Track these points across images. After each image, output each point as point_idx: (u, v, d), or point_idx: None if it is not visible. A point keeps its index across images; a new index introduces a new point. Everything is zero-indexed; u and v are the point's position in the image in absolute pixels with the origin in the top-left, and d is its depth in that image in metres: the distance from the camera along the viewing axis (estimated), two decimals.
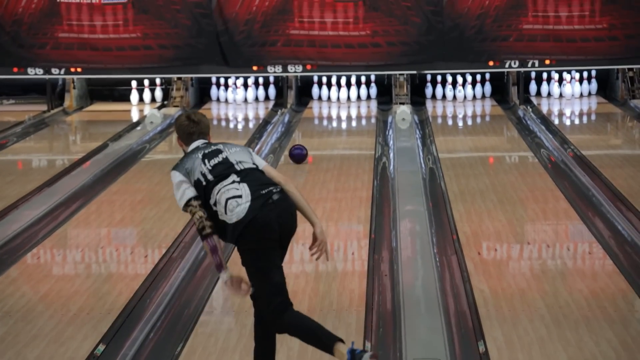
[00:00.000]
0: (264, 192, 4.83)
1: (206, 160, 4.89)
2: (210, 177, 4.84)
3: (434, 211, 8.54)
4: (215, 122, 14.17)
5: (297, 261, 7.22)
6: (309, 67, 14.18)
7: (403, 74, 14.54)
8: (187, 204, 4.82)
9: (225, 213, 4.79)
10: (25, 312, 6.20)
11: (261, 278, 4.81)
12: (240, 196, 4.80)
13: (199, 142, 5.03)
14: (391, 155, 11.12)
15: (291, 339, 5.05)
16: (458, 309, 6.15)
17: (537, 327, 5.83)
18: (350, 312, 6.10)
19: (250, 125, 13.82)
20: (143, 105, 15.02)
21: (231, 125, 14.14)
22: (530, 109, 14.14)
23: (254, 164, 4.95)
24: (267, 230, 4.80)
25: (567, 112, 14.23)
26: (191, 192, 4.84)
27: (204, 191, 4.83)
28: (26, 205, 8.87)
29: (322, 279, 6.79)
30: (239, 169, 4.88)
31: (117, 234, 8.16)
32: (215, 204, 4.81)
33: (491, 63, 14.23)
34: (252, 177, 4.87)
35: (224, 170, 4.87)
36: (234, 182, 4.83)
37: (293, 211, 4.93)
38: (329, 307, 6.19)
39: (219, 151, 4.95)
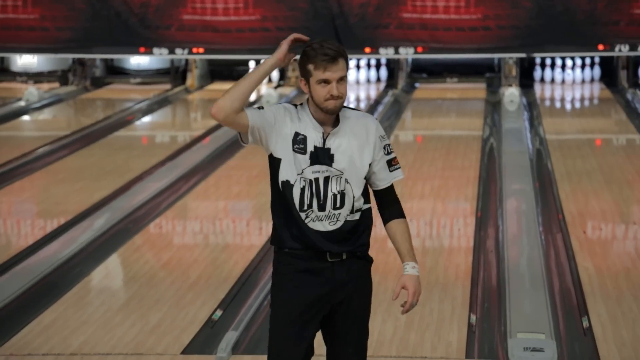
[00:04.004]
0: None
1: None
2: None
3: (540, 191, 8.44)
4: None
5: None
6: (420, 49, 14.10)
7: (512, 57, 14.35)
8: None
9: None
10: (148, 278, 6.36)
11: None
12: None
13: None
14: (499, 136, 11.01)
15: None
16: (563, 285, 6.08)
17: None
18: (457, 286, 6.09)
19: (362, 105, 13.83)
20: (260, 85, 15.15)
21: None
22: (639, 93, 13.81)
23: None
24: None
25: None
26: None
27: None
28: (150, 178, 9.07)
29: (429, 254, 6.78)
30: None
31: (234, 207, 8.28)
32: None
33: (601, 47, 13.92)
34: None
35: None
36: None
37: None
38: (436, 281, 6.19)
39: None
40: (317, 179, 3.48)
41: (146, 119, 13.08)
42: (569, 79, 14.81)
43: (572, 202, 8.04)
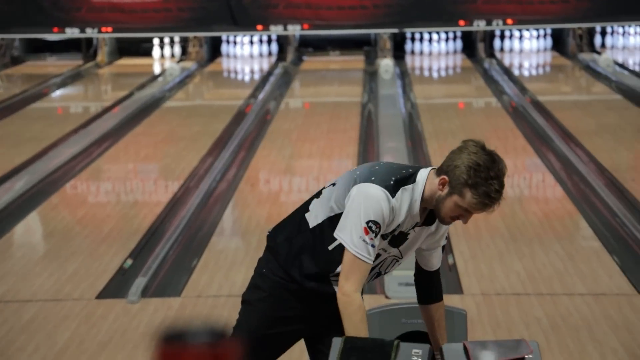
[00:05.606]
0: None
1: None
2: None
3: (412, 148, 8.53)
4: (225, 74, 14.07)
5: (295, 191, 7.23)
6: (305, 26, 14.05)
7: (386, 32, 14.42)
8: None
9: None
10: (65, 232, 6.22)
11: None
12: None
13: None
14: (376, 101, 11.08)
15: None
16: None
17: (497, 243, 5.86)
18: None
19: (256, 77, 13.74)
20: (164, 60, 14.92)
21: (239, 76, 14.06)
22: (495, 62, 14.06)
23: None
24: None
25: (526, 64, 14.16)
26: None
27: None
28: (65, 144, 8.86)
29: None
30: None
31: (142, 169, 8.15)
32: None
33: (462, 23, 14.10)
34: None
35: None
36: None
37: None
38: None
39: None
40: (378, 255, 2.90)
41: (61, 91, 12.75)
42: (435, 51, 14.97)
43: (439, 157, 8.15)
